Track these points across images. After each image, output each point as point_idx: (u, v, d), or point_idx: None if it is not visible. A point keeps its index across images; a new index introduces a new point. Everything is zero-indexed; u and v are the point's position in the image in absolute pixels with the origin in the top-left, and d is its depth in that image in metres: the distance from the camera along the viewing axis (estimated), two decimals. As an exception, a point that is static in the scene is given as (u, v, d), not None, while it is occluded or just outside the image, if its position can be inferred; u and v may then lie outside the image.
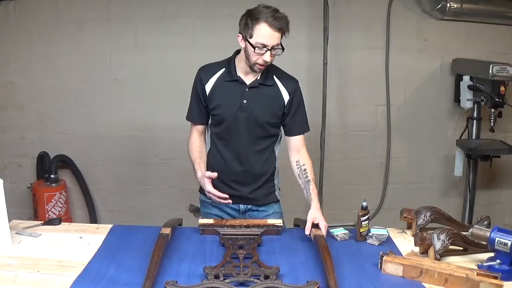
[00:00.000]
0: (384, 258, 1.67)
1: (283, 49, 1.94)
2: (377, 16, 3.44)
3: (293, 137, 2.13)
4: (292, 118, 2.10)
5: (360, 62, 3.50)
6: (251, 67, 1.97)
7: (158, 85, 3.43)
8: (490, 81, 3.06)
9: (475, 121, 3.33)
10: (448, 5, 3.30)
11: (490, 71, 2.96)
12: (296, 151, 2.13)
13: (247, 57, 1.95)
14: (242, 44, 1.96)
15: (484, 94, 3.16)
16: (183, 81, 2.16)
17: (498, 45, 3.49)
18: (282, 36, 1.91)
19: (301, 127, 2.14)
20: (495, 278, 1.52)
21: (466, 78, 3.29)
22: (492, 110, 3.13)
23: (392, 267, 1.65)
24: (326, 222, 1.93)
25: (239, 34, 1.95)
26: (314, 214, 1.95)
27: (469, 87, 3.24)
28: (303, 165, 2.09)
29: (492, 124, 3.17)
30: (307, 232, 1.90)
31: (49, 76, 3.42)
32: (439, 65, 3.53)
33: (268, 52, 1.89)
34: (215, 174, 1.92)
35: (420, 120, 3.61)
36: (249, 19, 1.90)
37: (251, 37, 1.90)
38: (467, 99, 3.27)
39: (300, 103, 2.12)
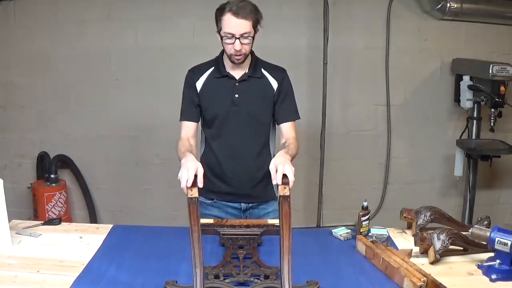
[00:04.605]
0: (357, 236, 1.85)
1: (254, 34, 1.93)
2: (377, 16, 3.45)
3: (283, 124, 2.12)
4: (281, 106, 2.10)
5: (360, 62, 3.50)
6: (230, 59, 1.99)
7: (158, 85, 3.43)
8: (490, 81, 3.06)
9: (475, 121, 3.33)
10: (448, 5, 3.30)
11: (490, 71, 2.96)
12: (286, 139, 2.09)
13: (224, 50, 1.99)
14: (219, 39, 1.98)
15: (484, 94, 3.16)
16: (183, 81, 2.16)
17: (498, 45, 3.49)
18: (253, 24, 1.91)
19: (290, 114, 2.12)
20: (418, 279, 1.52)
21: (466, 78, 3.29)
22: (492, 110, 3.13)
23: (361, 246, 1.82)
24: (292, 166, 1.63)
25: (216, 32, 1.98)
26: (276, 159, 1.65)
27: (469, 87, 3.25)
28: (289, 144, 2.01)
29: (492, 124, 3.17)
30: (274, 182, 1.60)
31: (49, 76, 3.42)
32: (439, 65, 3.54)
33: (237, 41, 1.90)
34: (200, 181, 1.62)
35: (420, 120, 3.62)
36: (217, 13, 1.94)
37: (220, 29, 1.93)
38: (467, 99, 3.28)
39: (288, 91, 2.12)
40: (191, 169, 1.60)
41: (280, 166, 1.60)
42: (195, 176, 1.59)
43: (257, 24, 1.94)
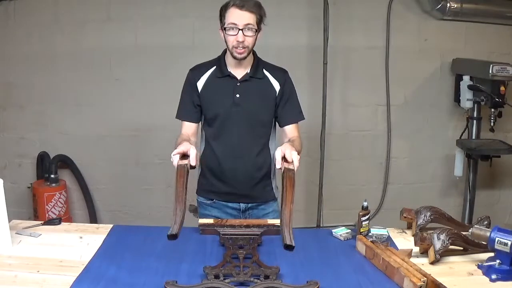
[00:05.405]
0: (357, 236, 1.84)
1: (257, 30, 1.95)
2: (377, 16, 3.45)
3: (287, 127, 2.12)
4: (284, 108, 2.11)
5: (360, 62, 3.50)
6: (232, 55, 1.99)
7: (158, 85, 3.43)
8: (490, 81, 3.06)
9: (475, 121, 3.33)
10: (448, 5, 3.30)
11: (490, 71, 2.96)
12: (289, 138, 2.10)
13: (227, 45, 2.00)
14: (222, 36, 2.00)
15: (484, 94, 3.16)
16: (183, 81, 2.16)
17: (498, 45, 3.49)
18: (257, 19, 1.94)
19: (294, 116, 2.13)
20: (419, 279, 1.52)
21: (466, 78, 3.29)
22: (492, 110, 3.13)
23: (361, 246, 1.81)
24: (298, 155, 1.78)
25: (219, 30, 2.00)
26: (282, 147, 1.79)
27: (469, 87, 3.25)
28: (293, 140, 2.04)
29: (492, 124, 3.17)
30: (278, 166, 1.75)
31: (49, 76, 3.42)
32: (439, 65, 3.54)
33: (240, 32, 1.92)
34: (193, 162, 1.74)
35: (420, 120, 3.62)
36: (222, 10, 1.97)
37: (224, 23, 1.95)
38: (467, 99, 3.28)
39: (291, 92, 2.13)
40: (182, 148, 1.75)
41: (287, 151, 1.74)
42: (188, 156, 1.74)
43: (260, 21, 1.96)
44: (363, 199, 1.92)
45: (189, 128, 2.12)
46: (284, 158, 1.75)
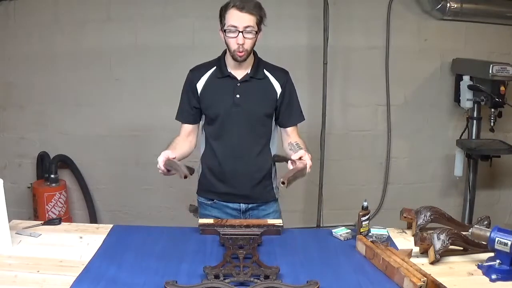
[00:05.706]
0: (357, 236, 1.83)
1: (257, 31, 1.95)
2: (377, 16, 3.45)
3: (288, 128, 2.13)
4: (286, 109, 2.11)
5: (360, 62, 3.51)
6: (233, 57, 1.98)
7: (158, 85, 3.43)
8: (490, 81, 3.06)
9: (475, 121, 3.34)
10: (448, 5, 3.30)
11: (490, 71, 2.96)
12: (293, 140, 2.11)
13: (227, 47, 1.99)
14: (222, 37, 1.99)
15: (484, 94, 3.16)
16: (183, 81, 2.16)
17: (498, 45, 3.49)
18: (257, 21, 1.93)
19: (295, 118, 2.15)
20: (419, 279, 1.51)
21: (466, 78, 3.29)
22: (492, 110, 3.13)
23: (361, 246, 1.80)
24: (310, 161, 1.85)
25: (219, 31, 1.99)
26: (307, 157, 1.86)
27: (469, 87, 3.25)
28: (295, 141, 2.06)
29: (492, 124, 3.17)
30: (295, 157, 1.83)
31: (49, 76, 3.42)
32: (439, 65, 3.54)
33: (241, 34, 1.91)
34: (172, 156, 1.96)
35: (420, 120, 3.62)
36: (222, 11, 1.97)
37: (224, 25, 1.95)
38: (467, 99, 3.28)
39: (292, 94, 2.13)
40: (161, 157, 1.96)
41: (307, 158, 1.82)
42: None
43: (260, 22, 1.95)
44: (363, 199, 1.91)
45: (187, 129, 2.14)
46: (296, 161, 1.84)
